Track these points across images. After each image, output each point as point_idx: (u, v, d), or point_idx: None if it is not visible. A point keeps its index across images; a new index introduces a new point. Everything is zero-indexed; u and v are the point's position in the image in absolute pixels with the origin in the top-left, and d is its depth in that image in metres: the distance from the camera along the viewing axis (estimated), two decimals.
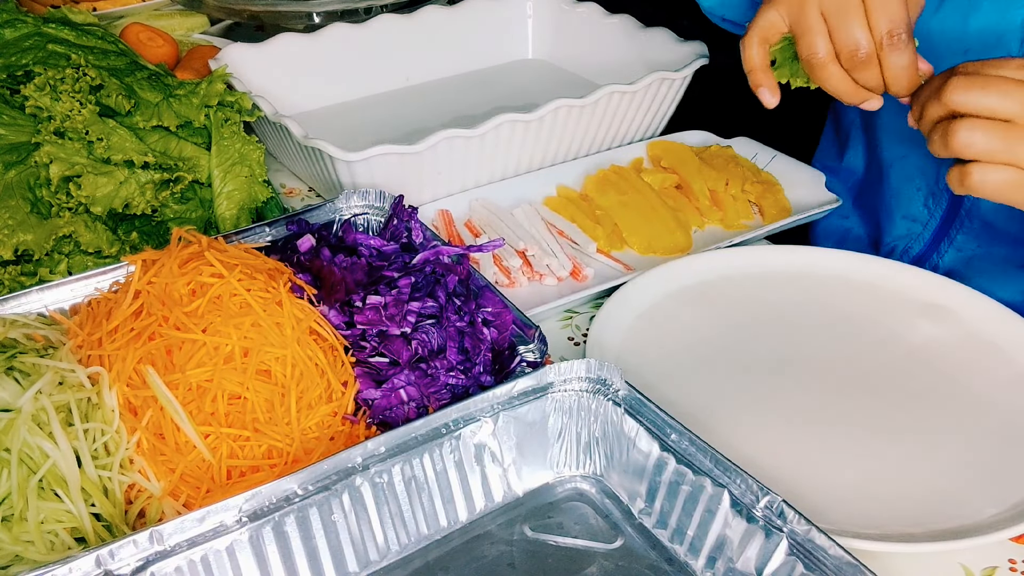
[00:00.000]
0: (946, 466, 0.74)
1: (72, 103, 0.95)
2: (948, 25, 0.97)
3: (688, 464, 0.65)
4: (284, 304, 0.73)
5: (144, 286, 0.73)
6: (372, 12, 1.42)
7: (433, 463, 0.67)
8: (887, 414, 0.79)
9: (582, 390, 0.70)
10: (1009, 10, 0.93)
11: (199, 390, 0.69)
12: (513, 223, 1.02)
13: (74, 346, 0.73)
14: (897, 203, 1.10)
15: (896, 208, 1.10)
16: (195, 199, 1.01)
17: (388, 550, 0.65)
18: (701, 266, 0.96)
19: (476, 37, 1.42)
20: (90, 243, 0.91)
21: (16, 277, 0.89)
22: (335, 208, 0.93)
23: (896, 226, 1.11)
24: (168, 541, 0.58)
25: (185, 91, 1.04)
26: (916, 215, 1.08)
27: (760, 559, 0.60)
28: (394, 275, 0.80)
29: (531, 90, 1.38)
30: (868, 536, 0.66)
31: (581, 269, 0.98)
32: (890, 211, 1.12)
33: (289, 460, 0.69)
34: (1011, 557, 0.68)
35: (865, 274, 0.95)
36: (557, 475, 0.72)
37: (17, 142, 0.96)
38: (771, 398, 0.81)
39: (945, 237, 1.06)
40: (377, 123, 1.28)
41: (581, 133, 1.14)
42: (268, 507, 0.61)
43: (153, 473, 0.67)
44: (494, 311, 0.79)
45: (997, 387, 0.81)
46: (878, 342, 0.87)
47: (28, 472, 0.64)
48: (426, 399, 0.73)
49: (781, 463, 0.74)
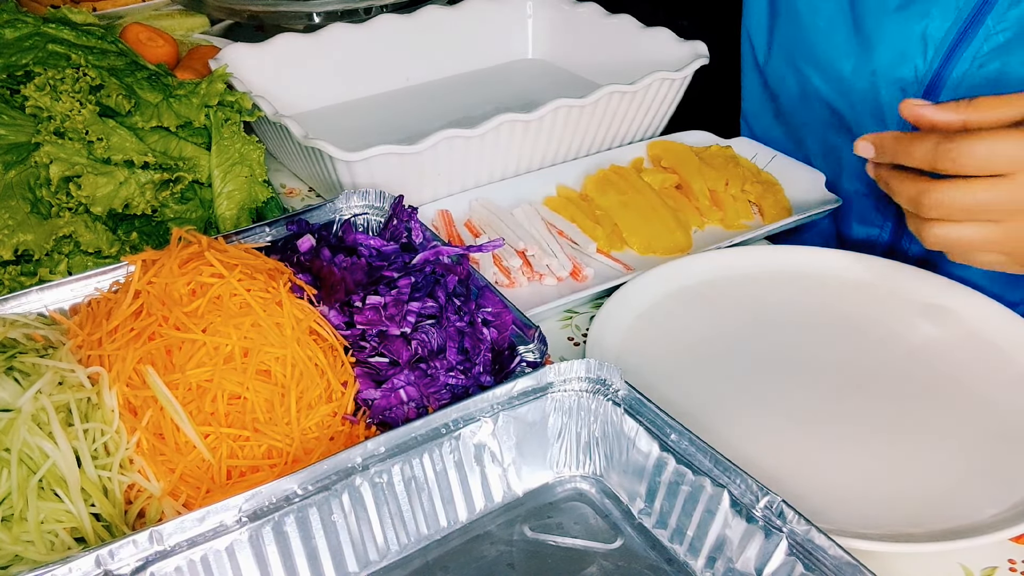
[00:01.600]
0: (946, 466, 0.74)
1: (72, 103, 0.94)
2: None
3: (688, 464, 0.65)
4: (284, 304, 0.73)
5: (144, 286, 0.73)
6: (372, 12, 1.42)
7: (433, 463, 0.67)
8: (887, 414, 0.79)
9: (582, 390, 0.70)
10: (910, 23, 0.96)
11: (199, 390, 0.69)
12: (513, 223, 1.02)
13: (74, 346, 0.73)
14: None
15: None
16: (195, 199, 1.01)
17: (388, 550, 0.65)
18: (701, 266, 0.96)
19: (476, 37, 1.42)
20: (90, 243, 0.91)
21: (16, 277, 0.89)
22: (335, 208, 0.93)
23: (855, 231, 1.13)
24: (168, 541, 0.58)
25: (185, 91, 1.04)
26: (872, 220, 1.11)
27: (760, 559, 0.60)
28: (394, 275, 0.80)
29: (531, 90, 1.38)
30: (868, 536, 0.66)
31: (581, 269, 0.98)
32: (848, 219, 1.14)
33: (289, 460, 0.69)
34: (1011, 557, 0.68)
35: (865, 274, 0.95)
36: (557, 475, 0.72)
37: (17, 142, 0.96)
38: (771, 398, 0.81)
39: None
40: (377, 123, 1.29)
41: (581, 133, 1.14)
42: (268, 507, 0.61)
43: (153, 473, 0.67)
44: (494, 311, 0.79)
45: (997, 387, 0.81)
46: (878, 342, 0.87)
47: (28, 472, 0.64)
48: (426, 399, 0.73)
49: (781, 463, 0.74)
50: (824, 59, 0.99)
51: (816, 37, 1.06)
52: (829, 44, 1.03)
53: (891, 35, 0.98)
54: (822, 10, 1.04)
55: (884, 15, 0.99)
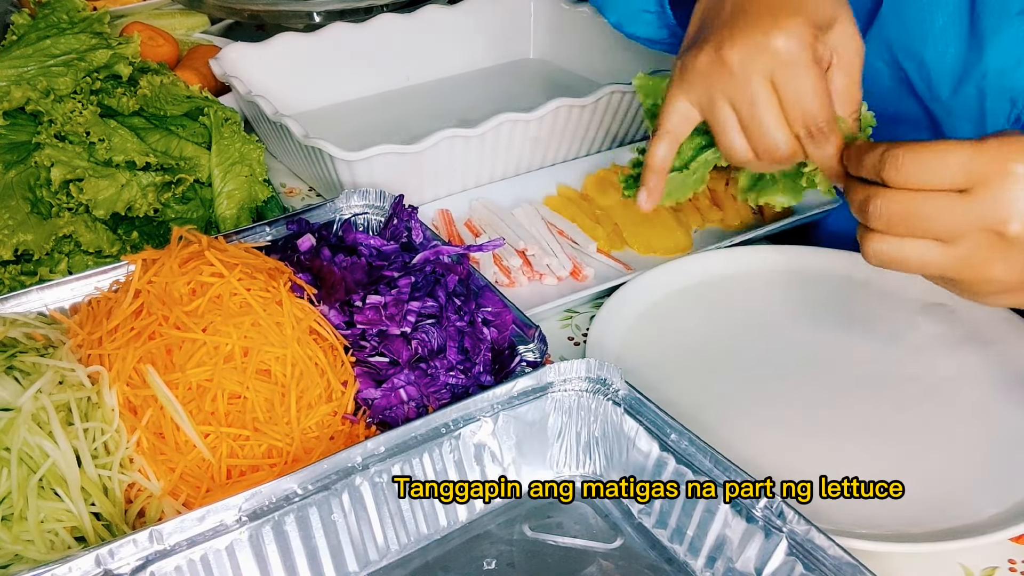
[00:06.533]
0: (946, 466, 0.74)
1: (73, 104, 0.95)
2: None
3: (688, 464, 0.64)
4: (284, 304, 0.73)
5: (144, 285, 0.73)
6: (373, 11, 1.42)
7: (433, 463, 0.67)
8: (887, 414, 0.79)
9: (582, 390, 0.70)
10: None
11: (199, 389, 0.69)
12: (513, 223, 1.02)
13: (74, 345, 0.73)
14: None
15: None
16: (196, 199, 1.01)
17: (388, 549, 0.65)
18: (701, 266, 0.96)
19: (476, 37, 1.42)
20: (90, 243, 0.91)
21: (16, 276, 0.89)
22: (335, 208, 0.93)
23: None
24: (168, 540, 0.58)
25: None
26: None
27: (760, 559, 0.60)
28: (394, 275, 0.80)
29: (531, 90, 1.38)
30: (868, 536, 0.66)
31: (581, 269, 0.98)
32: None
33: (289, 459, 0.69)
34: (1011, 557, 0.68)
35: (865, 274, 0.95)
36: (557, 475, 0.72)
37: (18, 141, 0.96)
38: (771, 398, 0.81)
39: None
40: (377, 122, 1.29)
41: (581, 133, 1.14)
42: (268, 506, 0.61)
43: (153, 472, 0.67)
44: (494, 311, 0.79)
45: (997, 387, 0.81)
46: (878, 342, 0.87)
47: (28, 471, 0.64)
48: (426, 399, 0.73)
49: (781, 463, 0.73)
50: (931, 56, 0.90)
51: (927, 32, 0.95)
52: (940, 42, 0.96)
53: (1008, 40, 0.89)
54: (940, 4, 0.93)
55: (1005, 18, 0.88)
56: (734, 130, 0.72)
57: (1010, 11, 0.88)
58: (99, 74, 1.01)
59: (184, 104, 1.05)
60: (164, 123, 1.03)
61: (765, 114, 0.70)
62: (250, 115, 1.18)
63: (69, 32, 1.02)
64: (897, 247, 0.65)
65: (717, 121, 0.72)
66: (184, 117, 1.05)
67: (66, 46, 1.01)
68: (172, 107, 1.04)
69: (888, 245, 0.65)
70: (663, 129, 0.75)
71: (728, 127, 0.72)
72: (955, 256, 0.64)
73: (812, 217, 1.06)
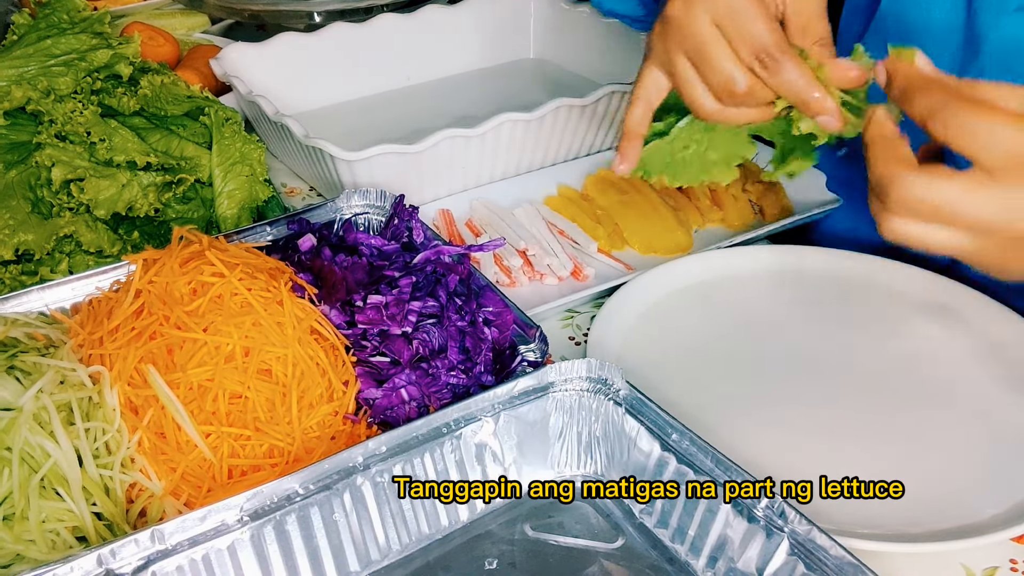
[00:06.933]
0: (946, 466, 0.74)
1: (74, 104, 0.95)
2: None
3: (689, 464, 0.65)
4: (285, 303, 0.73)
5: (145, 285, 0.73)
6: (373, 11, 1.42)
7: (434, 462, 0.67)
8: (887, 414, 0.79)
9: (583, 390, 0.70)
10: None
11: (200, 389, 0.69)
12: (514, 223, 1.02)
13: (75, 345, 0.73)
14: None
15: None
16: (196, 199, 1.01)
17: (389, 549, 0.65)
18: (702, 266, 0.96)
19: (477, 37, 1.42)
20: (91, 243, 0.91)
21: (17, 276, 0.89)
22: (336, 207, 0.93)
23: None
24: (169, 540, 0.58)
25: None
26: None
27: (761, 559, 0.60)
28: (395, 274, 0.80)
29: (531, 90, 1.38)
30: (869, 536, 0.66)
31: (582, 269, 0.98)
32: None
33: (290, 459, 0.69)
34: (1012, 557, 0.68)
35: (865, 274, 0.95)
36: (558, 475, 0.72)
37: (18, 141, 0.96)
38: (771, 398, 0.81)
39: None
40: (378, 122, 1.29)
41: (581, 133, 1.14)
42: (269, 506, 0.61)
43: (154, 472, 0.67)
44: (495, 311, 0.79)
45: (997, 387, 0.81)
46: (878, 342, 0.87)
47: (29, 471, 0.64)
48: (427, 398, 0.73)
49: (781, 462, 0.74)
50: (928, 53, 0.88)
51: (925, 29, 0.95)
52: (937, 39, 0.94)
53: (1004, 36, 0.88)
54: (937, 1, 0.94)
55: (1003, 15, 0.88)
56: (695, 80, 0.75)
57: (1008, 8, 0.88)
58: (100, 74, 1.01)
59: (185, 104, 1.05)
60: (165, 123, 1.03)
61: (713, 51, 0.72)
62: (251, 115, 1.18)
63: (70, 32, 1.02)
64: (920, 231, 0.63)
65: (678, 75, 0.76)
66: (185, 117, 1.05)
67: (67, 46, 1.01)
68: (173, 107, 1.04)
69: (910, 228, 0.63)
70: (635, 96, 0.80)
71: (688, 78, 0.75)
72: (981, 245, 0.62)
73: (812, 217, 1.06)
